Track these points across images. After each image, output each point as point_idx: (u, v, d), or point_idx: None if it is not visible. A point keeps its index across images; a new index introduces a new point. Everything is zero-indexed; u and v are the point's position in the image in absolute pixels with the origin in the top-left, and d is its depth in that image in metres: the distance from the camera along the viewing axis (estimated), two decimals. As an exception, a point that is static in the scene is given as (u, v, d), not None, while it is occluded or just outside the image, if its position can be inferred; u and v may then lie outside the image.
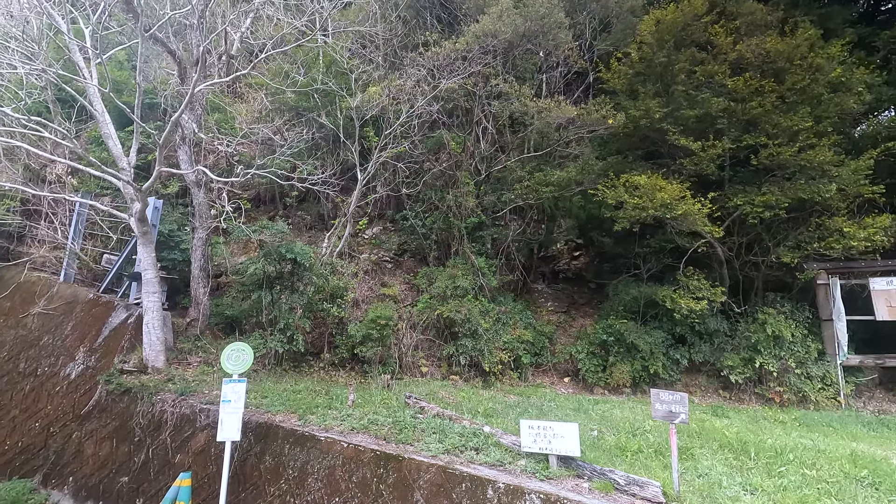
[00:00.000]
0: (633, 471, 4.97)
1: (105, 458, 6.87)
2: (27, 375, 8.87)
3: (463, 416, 6.37)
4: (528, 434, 5.00)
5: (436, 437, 5.56)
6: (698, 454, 5.73)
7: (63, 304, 9.88)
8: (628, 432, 6.55)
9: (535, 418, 6.54)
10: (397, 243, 13.79)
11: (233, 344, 6.01)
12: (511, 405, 8.05)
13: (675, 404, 4.58)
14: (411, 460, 5.03)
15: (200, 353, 9.23)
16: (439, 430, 5.74)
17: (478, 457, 5.19)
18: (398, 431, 5.79)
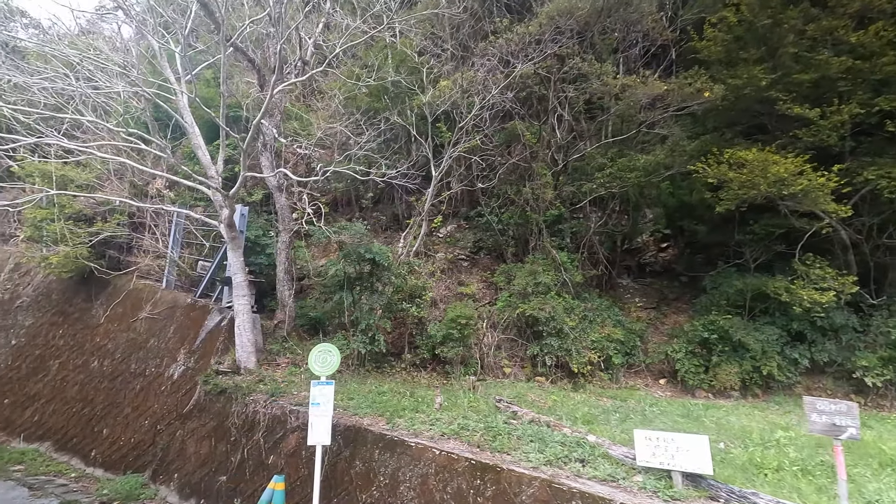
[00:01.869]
0: (781, 494, 4.14)
1: (205, 457, 7.03)
2: (137, 375, 9.43)
3: (561, 422, 5.78)
4: (645, 446, 4.33)
5: (535, 445, 5.03)
6: (855, 474, 4.73)
7: (166, 309, 10.46)
8: (758, 445, 5.61)
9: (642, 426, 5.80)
10: (472, 241, 13.36)
11: (319, 345, 5.87)
12: (608, 410, 7.31)
13: (840, 416, 3.71)
14: (510, 472, 4.54)
15: (288, 355, 9.34)
16: (537, 437, 5.20)
17: (584, 470, 4.59)
18: (492, 438, 5.32)
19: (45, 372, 10.64)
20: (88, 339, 10.85)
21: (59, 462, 8.66)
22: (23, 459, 8.70)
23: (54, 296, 12.11)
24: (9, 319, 11.99)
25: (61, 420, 9.61)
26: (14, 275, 12.83)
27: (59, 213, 11.12)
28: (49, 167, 11.51)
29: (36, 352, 11.17)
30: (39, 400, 10.22)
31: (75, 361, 10.56)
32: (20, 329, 11.73)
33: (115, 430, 8.71)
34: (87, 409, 9.46)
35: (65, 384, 10.22)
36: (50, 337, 11.33)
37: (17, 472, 8.09)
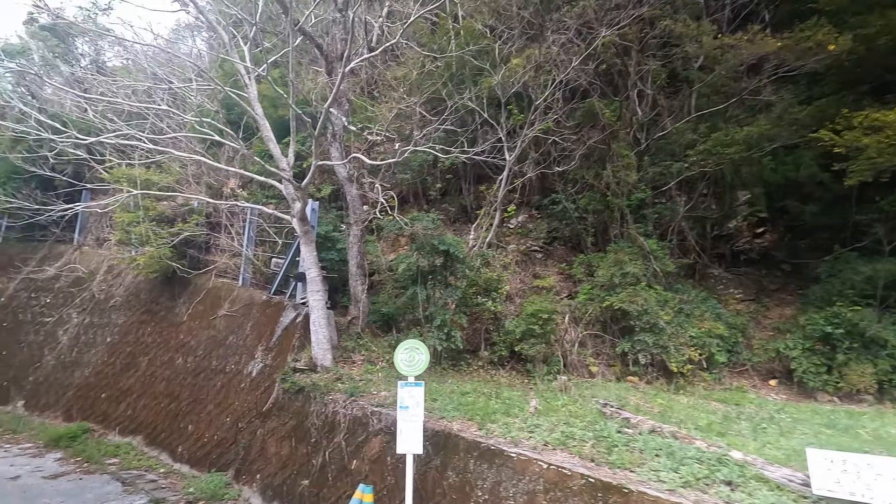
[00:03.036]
0: None
1: (286, 458, 6.70)
2: (218, 372, 9.41)
3: (689, 433, 4.84)
4: (823, 469, 3.36)
5: (664, 462, 4.15)
6: None
7: (242, 307, 10.42)
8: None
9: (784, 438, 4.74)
10: (546, 231, 12.43)
11: (405, 342, 5.30)
12: (730, 417, 6.23)
13: None
14: (642, 495, 3.72)
15: (363, 352, 8.95)
16: (665, 451, 4.33)
17: (736, 496, 3.68)
18: (606, 451, 4.50)
19: (135, 368, 10.96)
20: (173, 337, 11.06)
21: (150, 456, 8.76)
22: (117, 453, 8.88)
23: (142, 295, 12.52)
24: (104, 318, 12.53)
25: (150, 415, 9.78)
26: (108, 276, 13.44)
27: (143, 216, 11.42)
28: (134, 172, 11.90)
29: (127, 349, 11.55)
30: (131, 395, 10.50)
31: (162, 358, 10.78)
32: (114, 327, 12.22)
33: (199, 426, 8.68)
34: (174, 404, 9.57)
35: (153, 380, 10.44)
36: (139, 334, 11.70)
37: (113, 466, 8.23)
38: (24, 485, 7.22)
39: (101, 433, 9.97)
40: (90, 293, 13.17)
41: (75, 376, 11.67)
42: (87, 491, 7.03)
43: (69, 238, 14.83)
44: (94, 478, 7.67)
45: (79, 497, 6.79)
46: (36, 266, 13.91)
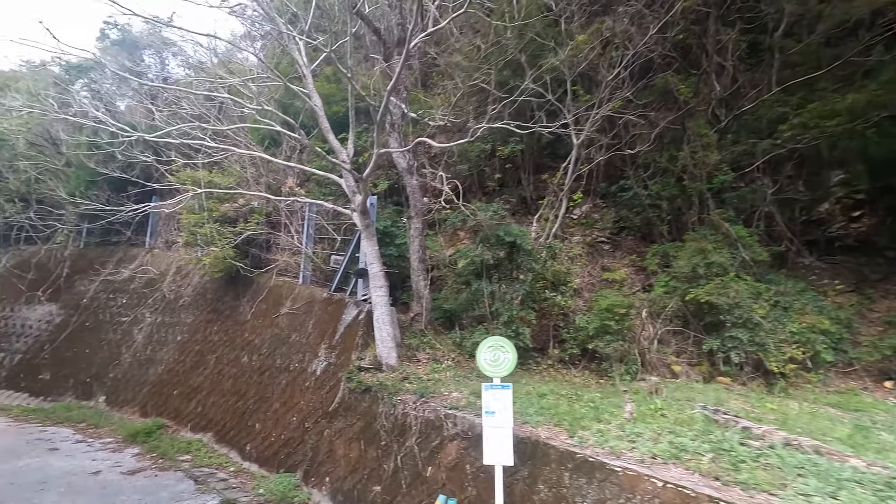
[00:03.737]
0: None
1: (355, 462, 6.36)
2: (283, 370, 9.28)
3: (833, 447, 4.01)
4: None
5: (814, 484, 3.39)
6: None
7: (304, 304, 10.28)
8: None
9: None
10: (612, 221, 11.55)
11: (488, 339, 4.78)
12: (863, 426, 5.26)
13: None
14: (797, 527, 2.99)
15: (427, 350, 8.52)
16: (811, 471, 3.55)
17: (924, 532, 2.88)
18: (731, 467, 3.78)
19: (204, 366, 11.10)
20: (238, 335, 11.11)
21: (220, 454, 8.74)
22: (189, 449, 8.93)
23: (208, 294, 12.73)
24: (175, 317, 12.85)
25: (219, 412, 9.82)
26: (177, 277, 13.80)
27: (208, 217, 11.57)
28: (198, 174, 12.10)
29: (196, 347, 11.75)
30: (201, 392, 10.63)
31: (228, 356, 10.84)
32: (183, 326, 12.49)
33: (266, 424, 8.56)
34: (241, 402, 9.54)
35: (221, 377, 10.51)
36: (207, 333, 11.87)
37: (185, 463, 8.24)
38: (104, 480, 7.30)
39: (175, 429, 10.13)
40: (161, 293, 13.57)
41: (150, 373, 12.00)
42: (161, 489, 7.01)
43: (141, 241, 15.41)
44: (168, 475, 7.68)
45: (154, 495, 6.76)
46: (113, 269, 14.53)
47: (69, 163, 15.53)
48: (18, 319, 14.54)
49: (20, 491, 6.70)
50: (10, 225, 15.39)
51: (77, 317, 14.13)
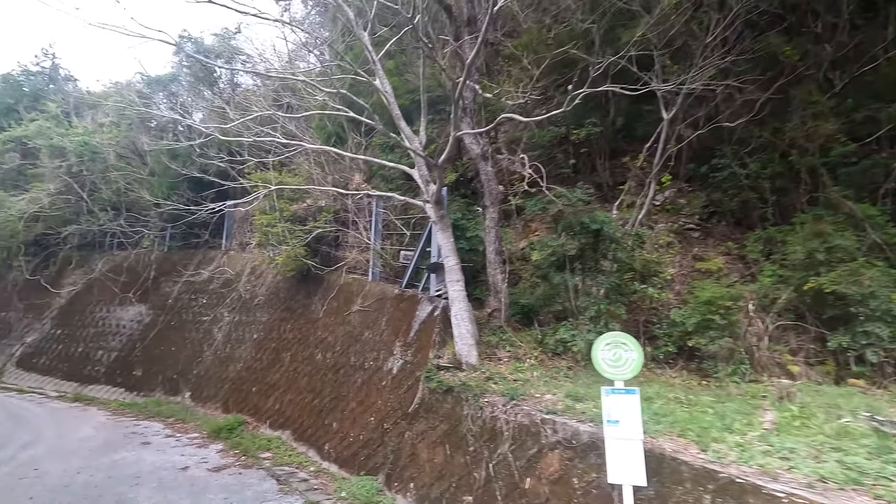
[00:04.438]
0: None
1: (441, 468, 5.90)
2: (357, 368, 9.05)
3: None
4: None
5: None
6: None
7: (375, 301, 10.02)
8: None
9: None
10: (701, 205, 10.39)
11: (606, 336, 4.14)
12: None
13: None
14: None
15: (507, 348, 7.93)
16: None
17: None
18: (942, 498, 2.90)
19: (280, 363, 11.15)
20: (311, 333, 11.06)
21: (298, 453, 8.63)
22: (269, 447, 8.90)
23: (281, 293, 12.86)
24: (250, 316, 13.09)
25: (296, 410, 9.77)
26: (251, 277, 14.10)
27: (279, 217, 11.65)
28: (269, 175, 12.22)
29: (272, 345, 11.86)
30: (278, 389, 10.66)
31: (303, 354, 10.82)
32: (259, 324, 12.68)
33: (344, 424, 8.34)
34: (317, 400, 9.42)
35: (296, 375, 10.49)
36: (281, 331, 11.95)
37: (267, 461, 8.18)
38: (192, 477, 7.34)
39: (254, 426, 10.21)
40: (237, 293, 13.90)
41: (229, 370, 12.28)
42: (245, 487, 6.91)
43: (218, 244, 15.95)
44: (251, 473, 7.62)
45: (239, 494, 6.66)
46: (193, 270, 15.10)
47: (152, 171, 16.37)
48: (113, 319, 15.48)
49: (116, 485, 6.83)
50: (104, 232, 16.45)
51: (163, 316, 14.81)
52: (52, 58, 21.15)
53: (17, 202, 16.06)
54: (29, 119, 16.69)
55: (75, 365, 15.01)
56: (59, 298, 16.89)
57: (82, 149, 15.30)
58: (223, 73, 16.33)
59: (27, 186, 16.71)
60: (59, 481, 6.85)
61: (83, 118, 17.95)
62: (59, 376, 14.88)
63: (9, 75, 20.46)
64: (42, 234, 16.74)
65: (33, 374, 15.34)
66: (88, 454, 8.22)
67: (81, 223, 16.20)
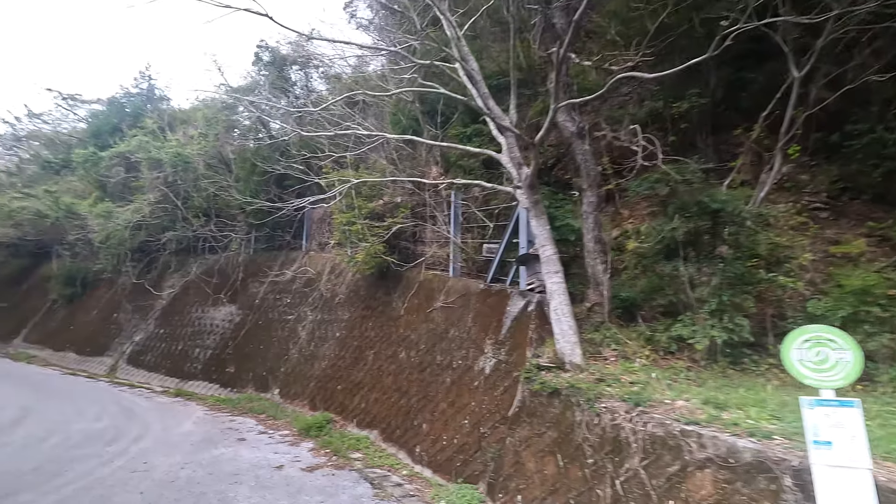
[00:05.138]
0: None
1: (554, 480, 5.21)
2: (445, 367, 8.57)
3: None
4: None
5: None
6: None
7: (458, 298, 9.50)
8: None
9: None
10: (830, 180, 8.85)
11: (799, 330, 3.26)
12: None
13: None
14: None
15: (612, 346, 7.07)
16: None
17: None
18: None
19: (363, 361, 10.97)
20: (393, 331, 10.77)
21: (388, 454, 8.29)
22: (359, 447, 8.66)
23: (361, 292, 12.73)
24: (332, 315, 13.10)
25: (383, 409, 9.48)
26: (331, 276, 14.14)
27: (358, 215, 11.49)
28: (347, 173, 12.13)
29: (354, 343, 11.72)
30: (363, 388, 10.46)
31: (386, 352, 10.55)
32: (341, 323, 12.64)
33: (434, 426, 7.88)
34: (403, 399, 9.06)
35: (380, 374, 10.23)
36: (363, 329, 11.79)
37: (358, 462, 7.91)
38: (287, 476, 7.19)
39: (342, 424, 10.06)
40: (319, 292, 13.99)
41: (314, 368, 12.32)
42: (340, 490, 6.63)
43: (299, 245, 16.25)
44: (343, 474, 7.36)
45: (335, 497, 6.37)
46: (277, 271, 15.47)
47: (237, 178, 17.04)
48: (207, 319, 16.26)
49: (217, 482, 6.81)
50: (197, 237, 17.36)
51: (252, 315, 15.30)
52: (149, 79, 22.93)
53: (123, 213, 17.35)
54: (130, 136, 18.01)
55: (176, 362, 15.92)
56: (160, 300, 18.07)
57: (176, 159, 16.21)
58: (299, 78, 16.64)
59: (131, 198, 18.02)
60: (166, 476, 6.95)
61: (175, 132, 19.11)
62: (163, 372, 15.85)
63: (113, 98, 22.47)
64: (144, 241, 17.98)
65: (141, 370, 16.48)
66: (190, 449, 8.39)
67: (177, 229, 17.20)
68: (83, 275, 20.10)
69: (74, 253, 20.44)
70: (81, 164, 19.05)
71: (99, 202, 17.97)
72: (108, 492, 6.27)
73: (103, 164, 18.34)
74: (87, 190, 19.96)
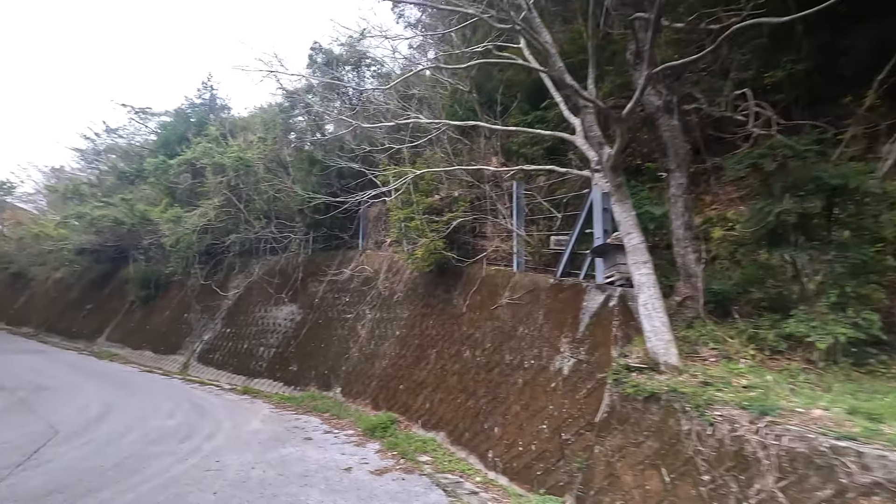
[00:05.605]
0: None
1: (660, 498, 4.55)
2: (515, 368, 8.01)
3: None
4: None
5: None
6: None
7: (526, 293, 8.91)
8: None
9: None
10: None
11: None
12: None
13: None
14: None
15: (710, 344, 6.26)
16: None
17: None
18: None
19: (426, 360, 10.61)
20: (455, 329, 10.34)
21: (458, 458, 7.85)
22: (426, 449, 8.28)
23: (419, 289, 12.39)
24: (391, 313, 12.86)
25: (449, 411, 9.06)
26: (389, 274, 13.93)
27: (417, 210, 11.16)
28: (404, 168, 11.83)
29: (415, 341, 11.40)
30: (426, 387, 10.10)
31: (448, 350, 10.13)
32: (400, 321, 12.36)
33: (507, 430, 7.35)
34: (471, 401, 8.59)
35: (444, 373, 9.82)
36: (423, 327, 11.44)
37: (427, 467, 7.52)
38: (357, 480, 6.91)
39: (406, 425, 9.75)
40: (377, 291, 13.81)
41: (375, 367, 12.11)
42: (412, 497, 6.25)
43: (355, 244, 16.20)
44: (413, 479, 6.98)
45: (408, 504, 6.00)
46: (335, 270, 15.47)
47: (294, 180, 17.26)
48: (270, 318, 16.55)
49: (287, 483, 6.63)
50: (259, 239, 17.76)
51: (312, 314, 15.38)
52: (211, 89, 23.87)
53: (190, 217, 18.03)
54: (195, 143, 18.72)
55: (242, 360, 16.32)
56: (226, 300, 18.65)
57: (238, 163, 16.62)
58: (351, 79, 16.60)
59: (197, 203, 18.72)
60: (237, 476, 6.86)
61: (236, 138, 19.68)
62: (231, 370, 16.28)
63: (179, 109, 23.62)
64: (210, 244, 18.62)
65: (210, 367, 17.04)
66: (259, 448, 8.33)
67: (240, 232, 17.66)
68: (156, 277, 21.16)
69: (148, 257, 21.58)
70: (152, 172, 20.05)
71: (169, 208, 18.81)
72: (182, 490, 6.22)
73: (172, 172, 19.21)
74: (158, 197, 21.00)
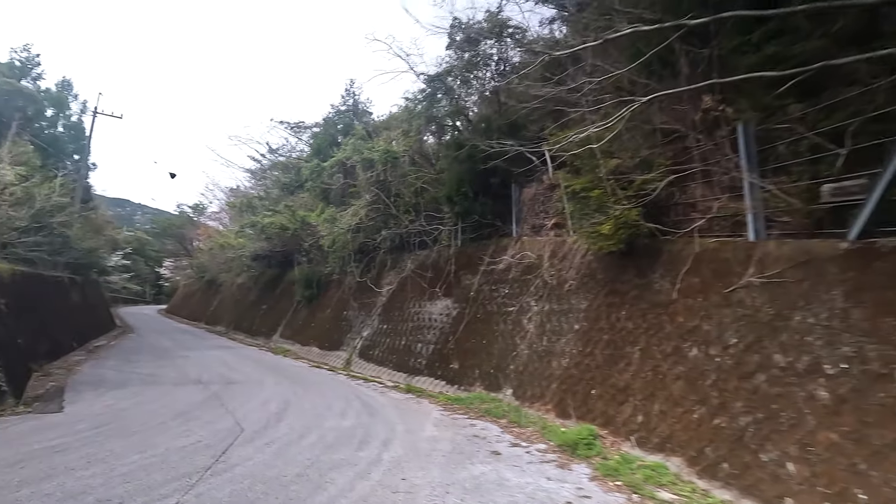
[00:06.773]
0: None
1: None
2: (806, 374, 5.34)
3: None
4: None
5: None
6: None
7: (790, 268, 6.16)
8: None
9: None
10: None
11: None
12: None
13: None
14: None
15: None
16: None
17: None
18: None
19: (625, 360, 8.35)
20: (665, 321, 7.91)
21: (719, 499, 5.49)
22: (660, 480, 6.06)
23: (598, 275, 10.14)
24: (563, 304, 10.82)
25: (679, 428, 6.70)
26: (553, 260, 11.92)
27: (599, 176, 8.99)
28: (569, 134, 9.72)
29: (603, 336, 9.19)
30: (632, 395, 7.85)
31: (660, 348, 7.75)
32: (578, 313, 10.25)
33: (815, 469, 4.79)
34: (721, 418, 6.13)
35: (660, 377, 7.47)
36: (612, 320, 9.18)
37: None
38: (585, 522, 5.02)
39: (612, 441, 7.61)
40: (541, 280, 11.89)
41: (552, 366, 10.18)
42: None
43: (509, 231, 14.54)
44: (668, 529, 4.85)
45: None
46: (490, 260, 13.98)
47: (440, 170, 16.25)
48: (425, 313, 15.72)
49: (496, 519, 5.00)
50: (408, 233, 17.17)
51: (468, 308, 14.07)
52: (353, 95, 24.56)
53: (344, 217, 18.21)
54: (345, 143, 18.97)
55: (401, 356, 15.72)
56: (381, 297, 18.46)
57: (385, 156, 16.21)
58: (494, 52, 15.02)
59: (349, 203, 18.91)
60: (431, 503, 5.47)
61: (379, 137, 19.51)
62: (391, 367, 15.79)
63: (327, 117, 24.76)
64: (363, 243, 18.65)
65: (371, 364, 16.83)
66: (443, 461, 6.97)
67: (390, 228, 17.27)
68: (318, 277, 22.14)
69: (310, 259, 22.76)
70: (309, 177, 20.98)
71: (324, 210, 19.35)
72: (374, 517, 4.99)
73: (325, 174, 19.82)
74: (315, 203, 21.95)
